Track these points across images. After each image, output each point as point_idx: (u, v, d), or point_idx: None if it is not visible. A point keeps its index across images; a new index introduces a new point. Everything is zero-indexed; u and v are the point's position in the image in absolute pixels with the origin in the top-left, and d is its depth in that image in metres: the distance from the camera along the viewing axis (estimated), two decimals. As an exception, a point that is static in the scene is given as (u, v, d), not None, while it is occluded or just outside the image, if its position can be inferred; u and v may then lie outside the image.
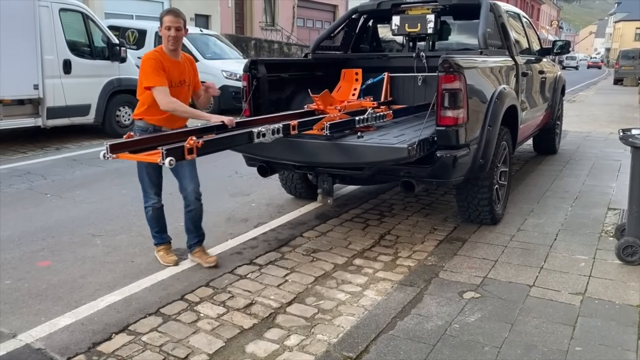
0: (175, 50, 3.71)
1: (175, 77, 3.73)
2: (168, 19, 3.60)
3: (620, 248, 3.92)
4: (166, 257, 3.99)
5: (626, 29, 69.06)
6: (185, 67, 3.81)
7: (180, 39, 3.68)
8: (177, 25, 3.60)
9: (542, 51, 6.95)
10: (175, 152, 2.99)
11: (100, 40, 8.95)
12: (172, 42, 3.64)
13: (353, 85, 5.17)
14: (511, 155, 5.11)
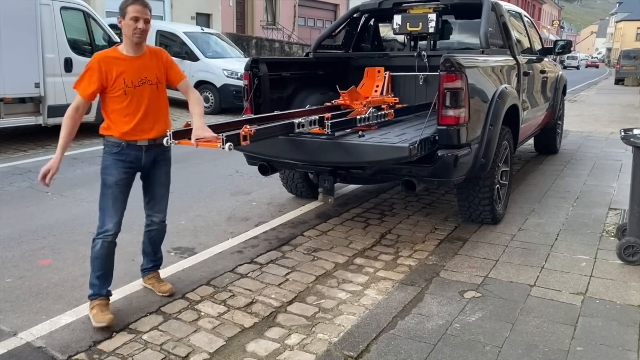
0: (140, 44, 3.14)
1: (132, 77, 3.13)
2: (135, 9, 3.04)
3: (621, 248, 3.92)
4: (100, 314, 3.10)
5: (627, 28, 69.00)
6: (147, 63, 3.18)
7: (147, 32, 3.12)
8: (145, 17, 3.07)
9: (544, 51, 6.95)
10: (233, 138, 3.12)
11: (102, 39, 8.95)
12: (139, 35, 3.07)
13: (375, 82, 5.24)
14: (512, 155, 5.10)
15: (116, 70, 3.09)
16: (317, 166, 4.36)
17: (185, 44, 12.67)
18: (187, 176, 6.59)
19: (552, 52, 7.17)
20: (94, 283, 3.19)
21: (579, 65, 52.33)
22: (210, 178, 6.53)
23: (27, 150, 8.00)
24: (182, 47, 12.73)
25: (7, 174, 6.48)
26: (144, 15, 3.05)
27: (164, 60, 3.26)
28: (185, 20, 18.95)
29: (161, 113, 3.23)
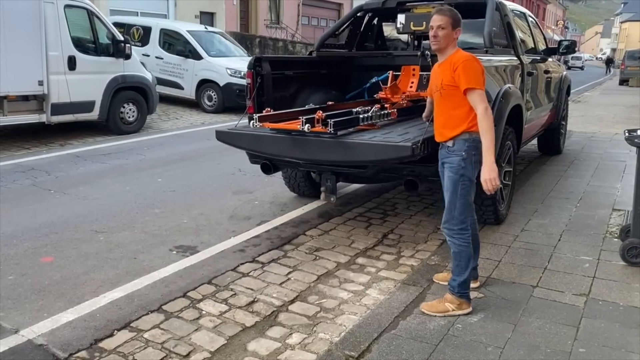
0: (437, 51, 3.22)
1: (433, 83, 3.33)
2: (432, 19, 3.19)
3: (624, 249, 3.90)
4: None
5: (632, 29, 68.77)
6: (439, 70, 3.24)
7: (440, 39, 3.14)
8: (438, 24, 3.13)
9: (548, 51, 6.92)
10: (310, 121, 3.72)
11: (105, 37, 8.95)
12: (433, 43, 3.20)
13: (410, 79, 5.33)
14: (516, 155, 5.08)
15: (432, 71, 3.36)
16: (320, 165, 4.35)
17: (189, 42, 12.66)
18: (189, 175, 6.59)
19: (556, 53, 7.14)
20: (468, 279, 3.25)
21: (583, 65, 52.18)
22: (213, 177, 6.53)
23: (30, 148, 8.01)
24: (185, 45, 12.73)
25: (10, 172, 6.49)
26: (436, 23, 3.14)
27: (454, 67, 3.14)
28: (189, 19, 18.96)
29: (442, 118, 3.22)
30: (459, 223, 3.18)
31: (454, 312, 3.17)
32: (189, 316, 3.23)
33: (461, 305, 3.19)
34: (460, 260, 3.19)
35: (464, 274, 3.18)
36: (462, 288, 3.20)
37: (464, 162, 3.12)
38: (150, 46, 12.94)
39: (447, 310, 3.17)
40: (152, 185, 6.08)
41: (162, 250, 4.25)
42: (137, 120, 9.63)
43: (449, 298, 3.22)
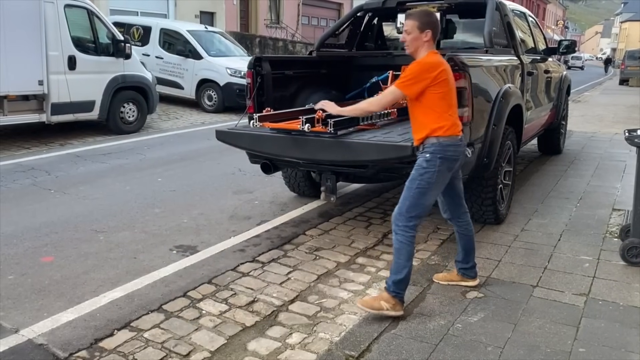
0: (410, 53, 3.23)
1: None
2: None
3: (624, 249, 3.90)
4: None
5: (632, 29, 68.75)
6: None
7: (408, 42, 3.17)
8: (405, 29, 3.18)
9: (548, 51, 6.92)
10: (310, 121, 3.74)
11: (105, 37, 8.95)
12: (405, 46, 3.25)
13: None
14: (516, 155, 5.09)
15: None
16: (320, 165, 4.35)
17: (189, 42, 12.66)
18: (189, 174, 6.59)
19: (556, 52, 7.14)
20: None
21: (583, 65, 52.17)
22: (213, 176, 6.53)
23: (30, 148, 8.01)
24: (185, 45, 12.73)
25: (10, 172, 6.49)
26: (404, 27, 3.21)
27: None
28: (189, 18, 18.96)
29: (412, 123, 3.26)
30: (405, 220, 3.12)
31: (388, 312, 3.11)
32: (189, 316, 3.24)
33: (395, 306, 3.13)
34: (399, 257, 3.14)
35: (401, 273, 3.13)
36: (397, 287, 3.14)
37: (427, 163, 3.10)
38: (150, 46, 12.94)
39: (382, 309, 3.11)
40: (152, 185, 6.08)
41: (162, 249, 4.25)
42: (137, 120, 9.62)
43: (385, 297, 3.16)
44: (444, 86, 3.10)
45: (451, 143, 3.11)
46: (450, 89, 3.16)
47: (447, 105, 3.13)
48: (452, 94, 3.18)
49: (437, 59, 3.13)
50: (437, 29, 3.17)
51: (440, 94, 3.10)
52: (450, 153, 3.11)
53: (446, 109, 3.12)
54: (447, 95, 3.13)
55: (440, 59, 3.16)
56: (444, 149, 3.09)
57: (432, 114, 3.11)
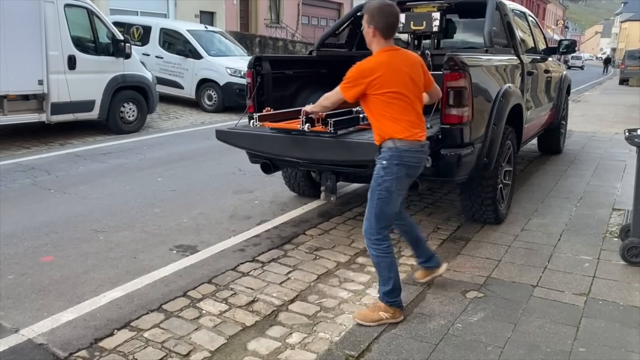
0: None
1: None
2: None
3: (624, 249, 3.90)
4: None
5: (632, 29, 68.76)
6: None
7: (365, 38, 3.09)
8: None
9: (548, 50, 6.92)
10: (310, 120, 3.64)
11: (105, 37, 8.94)
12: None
13: None
14: (516, 155, 5.08)
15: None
16: (320, 165, 4.35)
17: (189, 42, 12.65)
18: (189, 174, 6.59)
19: (556, 52, 7.14)
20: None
21: (583, 65, 52.17)
22: (213, 176, 6.53)
23: (30, 148, 8.01)
24: (185, 45, 12.72)
25: (10, 171, 6.49)
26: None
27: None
28: (189, 18, 18.95)
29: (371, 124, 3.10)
30: (375, 233, 3.03)
31: (388, 320, 3.07)
32: (189, 315, 3.23)
33: (395, 314, 3.10)
34: (381, 270, 3.10)
35: (388, 284, 3.08)
36: (389, 297, 3.09)
37: (384, 171, 2.96)
38: (150, 45, 12.93)
39: (382, 319, 3.06)
40: (152, 185, 6.08)
41: (162, 249, 4.25)
42: (137, 120, 9.62)
43: (381, 307, 3.11)
44: (386, 91, 2.90)
45: (409, 148, 2.93)
46: (400, 94, 2.92)
47: (400, 110, 2.93)
48: (405, 98, 2.93)
49: (377, 61, 2.94)
50: (383, 24, 2.92)
51: (384, 99, 2.92)
52: (408, 159, 2.94)
53: (399, 114, 2.92)
54: (397, 100, 2.91)
55: (381, 61, 2.93)
56: (400, 154, 2.93)
57: (382, 118, 2.96)
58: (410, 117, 2.96)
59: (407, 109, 2.96)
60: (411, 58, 3.05)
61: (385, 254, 3.06)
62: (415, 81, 3.00)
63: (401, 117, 2.94)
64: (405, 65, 2.98)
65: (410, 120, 2.96)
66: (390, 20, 2.96)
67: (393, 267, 3.10)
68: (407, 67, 2.98)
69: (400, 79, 2.94)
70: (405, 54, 3.05)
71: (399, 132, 2.93)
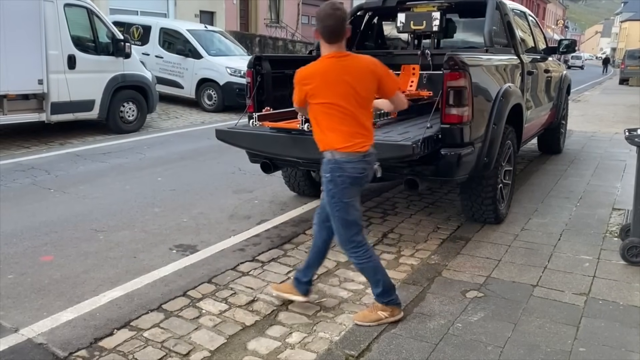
0: None
1: None
2: None
3: (624, 248, 3.90)
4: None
5: (632, 28, 68.74)
6: None
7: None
8: None
9: (548, 50, 6.92)
10: (309, 120, 3.36)
11: (105, 36, 8.94)
12: None
13: (410, 78, 5.30)
14: (516, 154, 5.08)
15: None
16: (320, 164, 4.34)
17: (189, 41, 12.65)
18: (189, 174, 6.59)
19: (556, 52, 7.14)
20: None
21: (583, 64, 52.17)
22: (213, 176, 6.53)
23: (30, 147, 8.00)
24: (185, 44, 12.72)
25: (9, 171, 6.49)
26: None
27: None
28: (189, 18, 18.95)
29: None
30: (347, 242, 3.00)
31: (388, 319, 3.06)
32: (189, 315, 3.23)
33: (393, 311, 3.09)
34: (367, 275, 3.10)
35: (378, 286, 3.06)
36: (384, 297, 3.07)
37: (330, 184, 2.93)
38: (150, 45, 12.92)
39: (381, 319, 3.05)
40: (152, 184, 6.08)
41: (162, 249, 4.25)
42: (137, 119, 9.62)
43: (379, 307, 3.09)
44: (322, 101, 2.84)
45: (348, 160, 2.86)
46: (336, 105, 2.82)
47: (338, 120, 2.84)
48: (342, 109, 2.82)
49: (313, 70, 2.88)
50: (321, 27, 2.82)
51: (321, 109, 2.86)
52: (350, 171, 2.87)
53: (337, 124, 2.84)
54: (334, 110, 2.83)
55: (317, 70, 2.86)
56: (340, 166, 2.87)
57: (322, 128, 2.90)
58: (349, 128, 2.85)
59: (346, 119, 2.84)
60: (358, 66, 2.87)
61: (366, 259, 3.02)
62: (358, 91, 2.84)
63: (339, 128, 2.84)
64: (347, 74, 2.82)
65: (350, 130, 2.85)
66: (328, 24, 2.80)
67: (378, 269, 3.08)
68: (350, 76, 2.82)
69: (337, 89, 2.82)
70: (352, 61, 2.87)
71: (338, 143, 2.86)
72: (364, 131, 2.91)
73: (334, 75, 2.83)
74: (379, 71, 2.92)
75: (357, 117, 2.87)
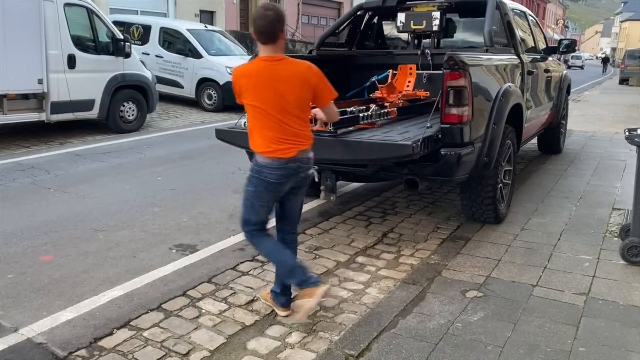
0: None
1: None
2: None
3: (624, 248, 3.90)
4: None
5: (632, 28, 68.70)
6: None
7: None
8: None
9: (548, 50, 6.92)
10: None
11: (105, 36, 8.94)
12: None
13: (407, 78, 5.31)
14: (516, 154, 5.08)
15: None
16: (320, 164, 4.34)
17: (189, 41, 12.65)
18: (189, 173, 6.59)
19: (556, 52, 7.14)
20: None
21: (583, 64, 52.17)
22: (213, 175, 6.52)
23: (30, 147, 8.00)
24: (185, 44, 12.71)
25: (9, 170, 6.49)
26: None
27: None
28: (189, 17, 18.95)
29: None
30: (243, 226, 3.07)
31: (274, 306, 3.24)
32: (189, 315, 3.23)
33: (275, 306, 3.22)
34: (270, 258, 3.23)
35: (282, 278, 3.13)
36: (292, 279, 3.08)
37: (248, 182, 2.96)
38: (150, 45, 12.92)
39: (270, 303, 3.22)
40: (151, 184, 6.08)
41: (161, 248, 4.24)
42: (137, 119, 9.62)
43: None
44: (249, 103, 2.84)
45: (267, 165, 2.84)
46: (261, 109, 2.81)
47: (263, 124, 2.83)
48: (267, 114, 2.80)
49: (244, 71, 2.88)
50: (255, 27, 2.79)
51: (250, 110, 2.86)
52: (266, 175, 2.85)
53: (262, 128, 2.83)
54: (259, 114, 2.82)
55: (247, 71, 2.87)
56: (259, 169, 2.87)
57: (249, 126, 2.92)
58: (272, 133, 2.82)
59: (270, 124, 2.82)
60: (289, 73, 2.83)
61: (254, 243, 3.12)
62: (286, 98, 2.80)
63: (263, 132, 2.84)
64: (276, 80, 2.79)
65: (273, 136, 2.82)
66: (258, 24, 2.77)
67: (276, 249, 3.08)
68: (278, 82, 2.79)
69: (264, 94, 2.80)
70: (284, 67, 2.83)
71: (260, 146, 2.86)
72: (292, 137, 2.86)
73: (263, 80, 2.81)
74: (313, 80, 2.88)
75: (283, 123, 2.83)
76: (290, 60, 2.88)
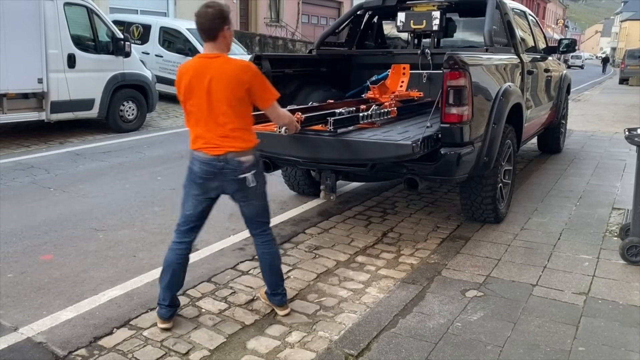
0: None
1: None
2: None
3: (624, 248, 3.90)
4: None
5: (632, 28, 68.69)
6: None
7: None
8: None
9: (548, 49, 6.91)
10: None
11: (105, 35, 8.94)
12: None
13: (400, 78, 5.30)
14: (515, 154, 5.08)
15: None
16: (320, 163, 4.35)
17: (189, 40, 12.65)
18: (189, 173, 6.58)
19: (557, 51, 7.14)
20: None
21: (583, 64, 52.16)
22: (213, 175, 6.52)
23: (29, 146, 8.00)
24: (185, 43, 12.72)
25: (9, 170, 6.49)
26: None
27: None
28: (189, 17, 18.76)
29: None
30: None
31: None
32: (189, 314, 3.23)
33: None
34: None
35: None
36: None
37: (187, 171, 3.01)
38: (150, 44, 12.92)
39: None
40: (151, 184, 6.08)
41: (161, 248, 4.22)
42: (137, 118, 9.61)
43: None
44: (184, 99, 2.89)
45: (195, 157, 2.93)
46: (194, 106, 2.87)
47: (193, 121, 2.91)
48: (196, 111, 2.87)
49: (183, 69, 2.91)
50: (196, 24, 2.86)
51: (184, 105, 2.92)
52: (195, 170, 2.93)
53: (192, 125, 2.93)
54: (195, 109, 2.87)
55: (186, 69, 2.89)
56: (191, 160, 2.96)
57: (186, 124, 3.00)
58: (200, 129, 2.89)
59: (199, 121, 2.88)
60: (223, 70, 2.82)
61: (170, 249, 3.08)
62: (218, 95, 2.80)
63: (193, 127, 2.93)
64: (209, 77, 2.80)
65: (201, 133, 2.89)
66: (198, 21, 2.84)
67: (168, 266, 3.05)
68: (210, 81, 2.80)
69: (196, 90, 2.83)
70: (219, 64, 2.83)
71: (191, 142, 2.95)
72: (220, 137, 2.87)
73: (198, 76, 2.82)
74: (248, 79, 2.85)
75: (213, 121, 2.85)
76: (227, 59, 2.87)
